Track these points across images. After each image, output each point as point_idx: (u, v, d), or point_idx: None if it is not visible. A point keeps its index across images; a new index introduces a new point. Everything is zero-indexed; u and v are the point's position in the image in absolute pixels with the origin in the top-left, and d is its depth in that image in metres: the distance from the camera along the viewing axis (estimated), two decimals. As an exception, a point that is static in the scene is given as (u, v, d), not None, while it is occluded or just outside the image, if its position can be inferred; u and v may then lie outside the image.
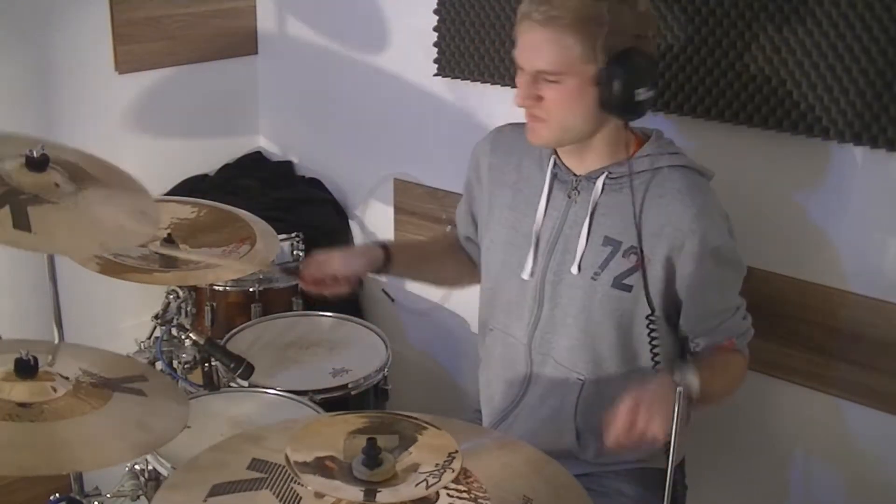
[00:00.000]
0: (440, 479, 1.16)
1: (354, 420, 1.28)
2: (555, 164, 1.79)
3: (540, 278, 1.79)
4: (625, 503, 1.80)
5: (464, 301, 2.65)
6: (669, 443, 1.40)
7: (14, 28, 2.52)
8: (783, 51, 1.93)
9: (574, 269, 1.75)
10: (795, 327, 2.07)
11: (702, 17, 2.02)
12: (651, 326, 1.71)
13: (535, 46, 1.65)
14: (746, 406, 2.19)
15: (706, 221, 1.69)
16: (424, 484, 1.16)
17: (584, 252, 1.74)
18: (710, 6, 2.00)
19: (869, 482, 2.08)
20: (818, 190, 2.00)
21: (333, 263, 1.91)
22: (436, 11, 2.50)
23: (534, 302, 1.81)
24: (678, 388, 1.27)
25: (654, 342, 1.73)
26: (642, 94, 1.63)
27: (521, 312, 1.83)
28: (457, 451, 1.20)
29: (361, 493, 1.15)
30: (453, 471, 1.17)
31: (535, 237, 1.80)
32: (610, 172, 1.73)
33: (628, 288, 1.72)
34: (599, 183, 1.73)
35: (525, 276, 1.80)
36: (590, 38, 1.61)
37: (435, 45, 2.53)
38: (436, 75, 2.55)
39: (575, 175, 1.77)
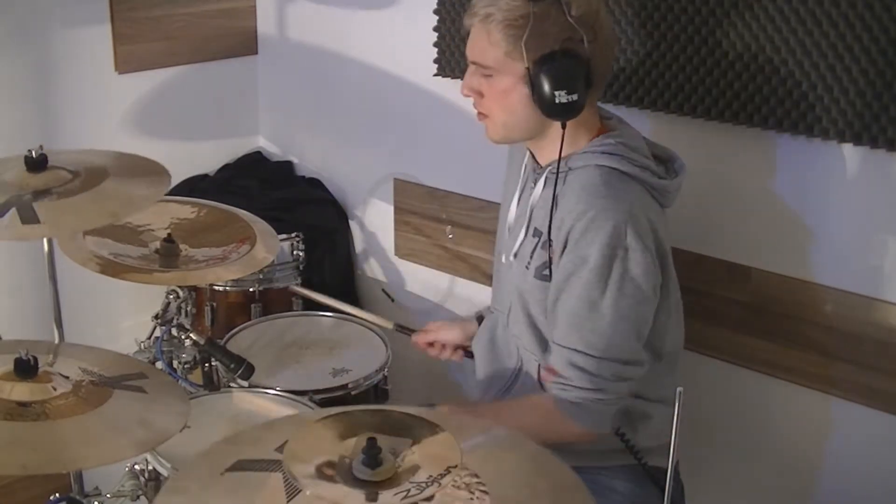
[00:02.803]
0: (441, 484, 1.16)
1: (346, 420, 1.27)
2: (532, 156, 1.85)
3: (509, 266, 1.87)
4: (617, 500, 1.80)
5: (464, 300, 2.65)
6: (670, 443, 1.40)
7: (14, 28, 2.51)
8: (783, 51, 1.93)
9: (511, 257, 1.83)
10: (795, 327, 2.07)
11: (702, 17, 2.02)
12: None
13: (472, 40, 1.73)
14: (746, 406, 2.20)
15: (585, 223, 1.65)
16: (425, 485, 1.16)
17: (521, 242, 1.80)
18: (711, 5, 2.00)
19: (869, 482, 2.08)
20: (818, 190, 2.00)
21: (441, 334, 2.15)
22: (436, 11, 2.50)
23: (507, 288, 1.89)
24: (678, 389, 1.27)
25: None
26: (563, 96, 1.65)
27: (503, 296, 1.91)
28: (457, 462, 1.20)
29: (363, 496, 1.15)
30: (452, 472, 1.17)
31: (506, 226, 1.89)
32: (552, 168, 1.76)
33: (547, 279, 1.75)
34: (543, 176, 1.78)
35: (503, 258, 1.90)
36: (516, 38, 1.66)
37: (435, 45, 2.53)
38: (436, 75, 2.55)
39: (540, 167, 1.82)
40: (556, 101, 1.65)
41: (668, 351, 1.79)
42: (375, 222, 2.88)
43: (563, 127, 1.71)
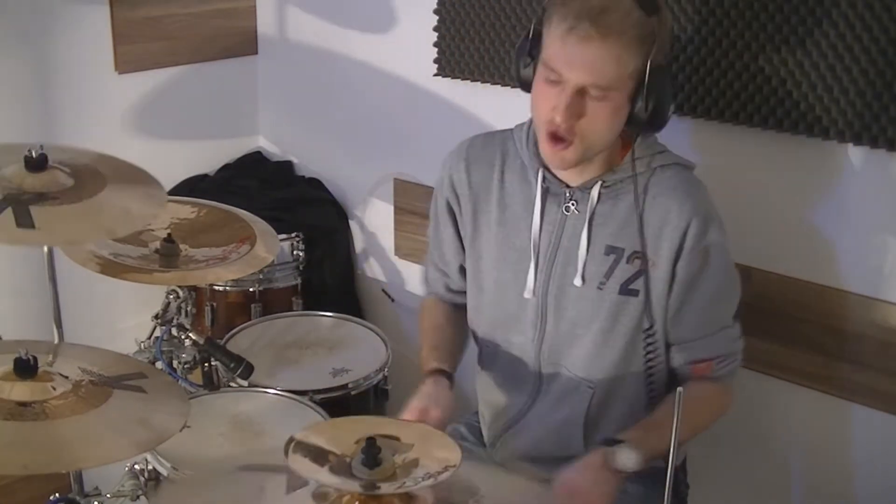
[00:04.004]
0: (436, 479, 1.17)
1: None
2: (545, 177, 1.75)
3: (542, 293, 1.78)
4: (629, 501, 1.80)
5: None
6: (670, 443, 1.40)
7: (14, 28, 2.51)
8: (783, 51, 1.93)
9: (577, 281, 1.73)
10: (795, 327, 2.07)
11: (702, 18, 2.02)
12: (648, 339, 1.73)
13: (588, 59, 1.58)
14: (747, 406, 2.19)
15: (700, 218, 1.68)
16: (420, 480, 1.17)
17: (585, 262, 1.73)
18: (711, 6, 2.00)
19: (869, 482, 2.08)
20: (818, 190, 2.00)
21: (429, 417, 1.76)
22: (436, 11, 2.50)
23: (536, 317, 1.79)
24: (678, 389, 1.27)
25: (649, 354, 1.75)
26: (671, 110, 1.66)
27: (523, 327, 1.82)
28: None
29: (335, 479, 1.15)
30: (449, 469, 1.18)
31: (534, 253, 1.77)
32: (604, 181, 1.72)
33: (635, 293, 1.71)
34: (595, 192, 1.72)
35: (527, 294, 1.78)
36: (643, 56, 1.59)
37: (435, 45, 2.53)
38: (436, 75, 2.55)
39: (568, 186, 1.74)
40: (668, 115, 1.65)
41: None
42: (375, 222, 2.88)
43: (635, 139, 1.70)
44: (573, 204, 1.74)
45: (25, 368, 1.47)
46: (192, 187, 2.89)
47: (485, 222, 1.84)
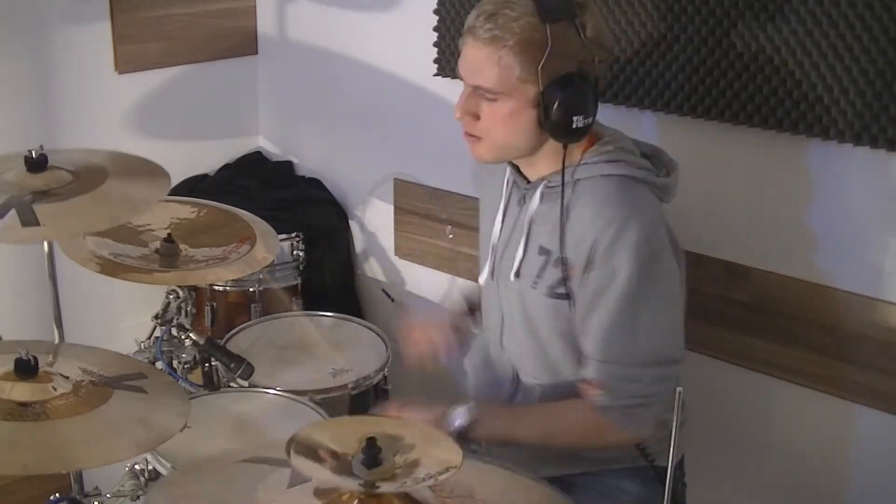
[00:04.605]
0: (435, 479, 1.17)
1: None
2: (512, 171, 1.77)
3: (496, 284, 1.82)
4: (626, 500, 1.80)
5: (464, 301, 2.65)
6: (670, 443, 1.40)
7: (14, 28, 2.52)
8: (783, 50, 1.93)
9: (511, 276, 1.74)
10: (795, 327, 2.07)
11: (702, 17, 2.02)
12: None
13: (476, 63, 1.63)
14: (746, 406, 2.20)
15: (610, 234, 1.60)
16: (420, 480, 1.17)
17: (521, 260, 1.73)
18: (710, 5, 2.00)
19: (869, 482, 2.08)
20: (818, 190, 2.00)
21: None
22: (436, 11, 2.50)
23: (497, 308, 1.83)
24: (678, 389, 1.27)
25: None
26: (580, 121, 1.61)
27: (493, 318, 1.86)
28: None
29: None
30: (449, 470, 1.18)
31: (491, 244, 1.81)
32: (549, 181, 1.71)
33: (564, 296, 1.69)
34: (538, 191, 1.72)
35: (481, 279, 1.85)
36: (531, 61, 1.58)
37: (435, 45, 2.53)
38: (436, 75, 2.55)
39: (528, 182, 1.76)
40: (574, 125, 1.61)
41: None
42: (375, 222, 2.88)
43: (565, 147, 1.66)
44: (524, 200, 1.75)
45: (26, 369, 1.47)
46: (192, 187, 2.89)
47: (487, 206, 1.90)
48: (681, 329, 1.71)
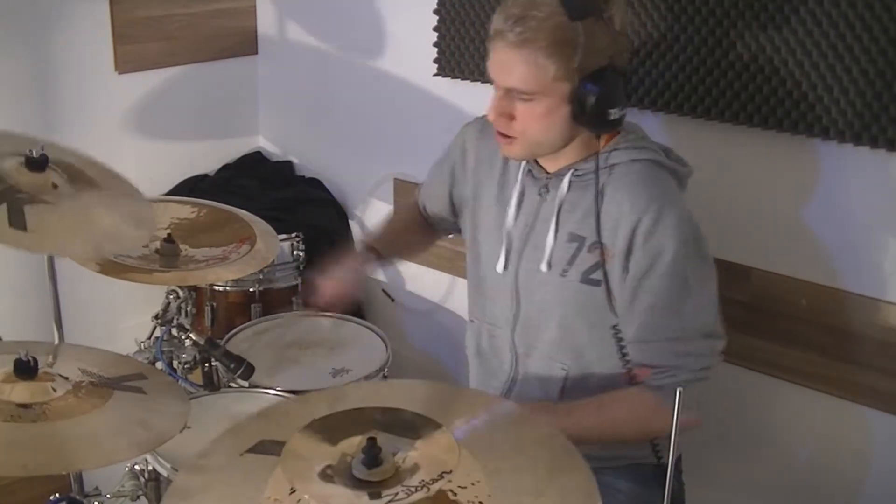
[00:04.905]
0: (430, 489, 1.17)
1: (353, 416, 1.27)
2: (528, 162, 1.80)
3: (514, 275, 1.82)
4: (620, 499, 1.80)
5: (464, 300, 2.65)
6: (669, 442, 1.40)
7: (14, 28, 2.52)
8: (783, 50, 1.93)
9: (543, 267, 1.76)
10: (795, 327, 2.07)
11: (702, 17, 2.02)
12: (619, 334, 1.72)
13: (509, 66, 1.64)
14: (746, 405, 2.20)
15: (651, 217, 1.64)
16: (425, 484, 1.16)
17: (552, 249, 1.75)
18: (710, 5, 2.00)
19: (869, 482, 2.08)
20: (818, 190, 2.00)
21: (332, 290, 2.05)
22: (436, 11, 2.50)
23: (511, 299, 1.83)
24: (678, 389, 1.27)
25: (623, 349, 1.73)
26: (616, 113, 1.64)
27: (503, 307, 1.86)
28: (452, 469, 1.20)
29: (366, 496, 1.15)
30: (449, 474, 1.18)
31: (506, 234, 1.82)
32: (576, 169, 1.73)
33: (597, 283, 1.71)
34: (566, 180, 1.74)
35: (499, 269, 1.83)
36: (565, 60, 1.60)
37: (435, 45, 2.53)
38: (436, 75, 2.55)
39: (547, 173, 1.78)
40: (609, 118, 1.63)
41: None
42: (375, 222, 2.88)
43: (598, 137, 1.70)
44: (546, 190, 1.77)
45: (26, 369, 1.47)
46: (192, 187, 2.89)
47: (486, 196, 1.88)
48: (717, 306, 1.74)
